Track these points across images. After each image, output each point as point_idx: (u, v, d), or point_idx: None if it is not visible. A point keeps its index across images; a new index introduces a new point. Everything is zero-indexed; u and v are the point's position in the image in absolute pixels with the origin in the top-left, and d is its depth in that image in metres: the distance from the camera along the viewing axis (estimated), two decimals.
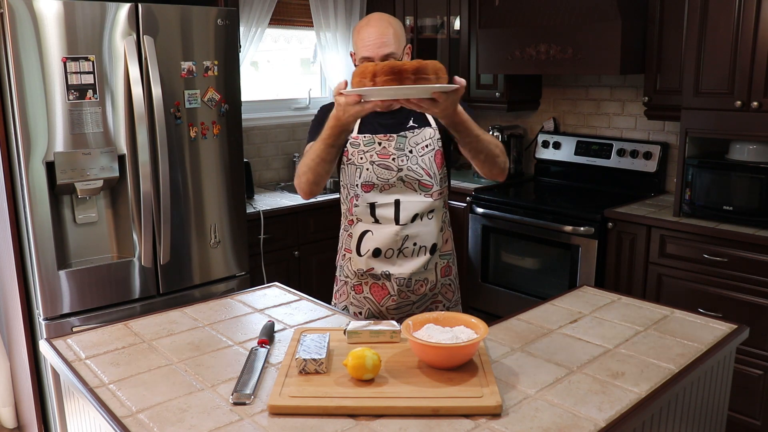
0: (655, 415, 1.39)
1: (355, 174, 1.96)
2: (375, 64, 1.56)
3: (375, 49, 1.85)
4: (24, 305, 2.58)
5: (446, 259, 2.08)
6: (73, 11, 2.40)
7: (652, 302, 1.86)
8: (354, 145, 1.96)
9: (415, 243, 1.97)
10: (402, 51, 1.91)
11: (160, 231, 2.70)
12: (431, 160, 1.95)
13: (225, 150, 2.89)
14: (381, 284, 2.02)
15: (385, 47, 1.85)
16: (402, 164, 1.93)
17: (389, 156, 1.93)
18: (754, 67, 2.64)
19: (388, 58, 1.84)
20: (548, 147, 3.88)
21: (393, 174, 1.93)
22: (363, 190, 1.96)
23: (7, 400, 2.99)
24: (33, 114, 2.37)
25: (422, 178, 1.94)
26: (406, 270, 1.99)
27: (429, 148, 1.96)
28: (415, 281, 2.02)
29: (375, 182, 1.94)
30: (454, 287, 2.13)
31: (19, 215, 2.52)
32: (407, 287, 2.01)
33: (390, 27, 1.88)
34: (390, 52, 1.85)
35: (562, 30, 3.26)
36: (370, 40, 1.86)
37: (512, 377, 1.40)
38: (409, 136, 1.95)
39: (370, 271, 2.00)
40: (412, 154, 1.94)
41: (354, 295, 2.06)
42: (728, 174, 2.83)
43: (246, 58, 3.63)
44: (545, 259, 3.42)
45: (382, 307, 2.04)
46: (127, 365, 1.48)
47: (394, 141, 1.94)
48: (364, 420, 1.24)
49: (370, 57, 1.86)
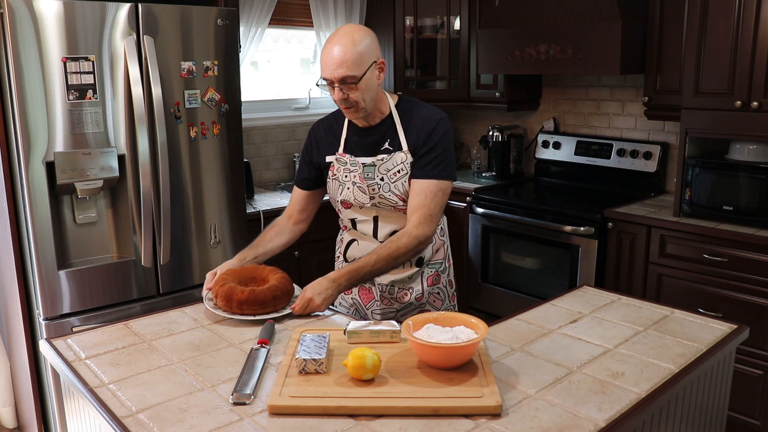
0: (655, 415, 1.39)
1: (338, 190, 1.97)
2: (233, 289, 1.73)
3: (331, 70, 1.78)
4: (24, 305, 2.58)
5: (434, 268, 2.06)
6: (73, 11, 2.40)
7: (652, 302, 1.86)
8: (340, 161, 1.96)
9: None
10: (366, 70, 1.80)
11: (160, 231, 2.70)
12: (404, 184, 1.89)
13: (225, 150, 2.89)
14: (368, 287, 2.04)
15: (342, 68, 1.76)
16: (374, 192, 1.91)
17: (365, 182, 1.92)
18: (754, 67, 2.64)
19: (345, 80, 1.78)
20: (548, 147, 3.88)
21: (367, 198, 1.93)
22: (343, 206, 1.99)
23: (7, 400, 2.99)
24: (33, 114, 2.37)
25: (397, 204, 1.92)
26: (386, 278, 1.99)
27: (401, 174, 1.89)
28: (399, 289, 2.02)
29: (352, 202, 1.96)
30: (444, 296, 2.10)
31: (19, 215, 2.52)
32: (390, 294, 2.01)
33: (353, 45, 1.77)
34: (345, 75, 1.77)
35: (562, 30, 3.26)
36: (328, 60, 1.79)
37: (512, 377, 1.40)
38: (378, 164, 1.90)
39: None
40: (383, 181, 1.90)
41: (343, 296, 2.08)
42: (728, 174, 2.83)
43: (246, 58, 3.63)
44: (545, 259, 3.42)
45: (367, 310, 2.06)
46: (127, 365, 1.48)
47: (362, 169, 1.91)
48: (364, 420, 1.24)
49: (328, 78, 1.81)
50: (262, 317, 1.70)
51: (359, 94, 1.81)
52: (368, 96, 1.83)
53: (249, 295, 1.70)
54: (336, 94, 1.81)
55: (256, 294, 1.71)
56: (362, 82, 1.80)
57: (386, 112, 1.93)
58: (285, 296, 1.77)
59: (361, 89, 1.80)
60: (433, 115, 1.91)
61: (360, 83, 1.79)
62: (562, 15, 3.28)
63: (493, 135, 3.93)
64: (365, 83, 1.80)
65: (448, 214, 2.08)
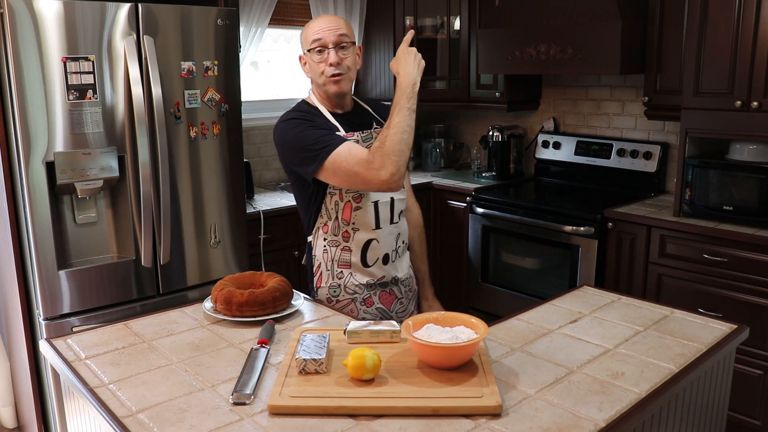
0: (655, 415, 1.39)
1: None
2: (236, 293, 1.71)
3: (328, 32, 1.85)
4: (24, 305, 2.58)
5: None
6: (73, 11, 2.40)
7: (652, 302, 1.86)
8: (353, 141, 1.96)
9: (403, 241, 2.01)
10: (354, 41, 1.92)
11: (160, 231, 2.70)
12: None
13: (225, 150, 2.89)
14: (389, 290, 2.01)
15: (340, 30, 1.86)
16: None
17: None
18: (754, 67, 2.64)
19: (341, 43, 1.85)
20: (548, 147, 3.88)
21: None
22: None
23: (7, 400, 2.99)
24: (33, 114, 2.37)
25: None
26: (405, 269, 2.01)
27: None
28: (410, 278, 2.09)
29: None
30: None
31: (19, 215, 2.52)
32: (407, 286, 2.03)
33: (341, 20, 1.91)
34: (343, 34, 1.86)
35: (562, 30, 3.26)
36: (323, 24, 1.87)
37: (512, 377, 1.40)
38: (374, 135, 1.95)
39: (381, 279, 1.97)
40: None
41: (365, 309, 1.98)
42: (728, 174, 2.83)
43: (246, 58, 3.63)
44: (545, 259, 3.42)
45: (392, 312, 2.03)
46: (127, 365, 1.48)
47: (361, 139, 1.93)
48: (364, 420, 1.24)
49: (321, 39, 1.84)
50: (262, 318, 1.71)
51: (349, 62, 1.87)
52: (353, 71, 1.91)
53: (248, 297, 1.70)
54: (331, 57, 1.84)
55: (256, 296, 1.71)
56: (351, 50, 1.88)
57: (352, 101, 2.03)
58: (284, 298, 1.77)
59: (350, 58, 1.88)
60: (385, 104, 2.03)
61: (350, 51, 1.87)
62: (562, 15, 3.28)
63: (493, 135, 3.93)
64: (353, 55, 1.89)
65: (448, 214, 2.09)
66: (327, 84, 1.88)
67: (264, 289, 1.75)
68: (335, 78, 1.86)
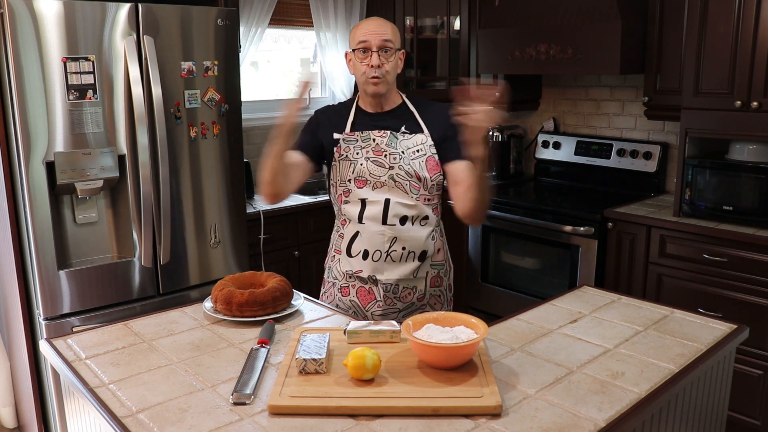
0: (655, 415, 1.39)
1: (349, 169, 1.97)
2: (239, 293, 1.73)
3: (374, 34, 1.92)
4: (24, 305, 2.58)
5: (437, 269, 2.07)
6: (73, 11, 2.40)
7: (652, 302, 1.86)
8: (348, 141, 1.98)
9: (403, 247, 1.96)
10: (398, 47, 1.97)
11: (160, 231, 2.70)
12: (421, 164, 1.96)
13: (225, 150, 2.89)
14: (368, 288, 2.02)
15: (385, 34, 1.92)
16: (394, 162, 1.95)
17: (382, 153, 1.95)
18: (754, 67, 2.64)
19: (384, 47, 1.91)
20: (548, 147, 3.88)
21: (385, 171, 1.94)
22: (356, 185, 1.97)
23: (7, 400, 2.99)
24: (33, 114, 2.37)
25: (412, 180, 1.95)
26: (393, 275, 1.98)
27: (420, 153, 1.97)
28: (403, 288, 2.01)
29: (368, 178, 1.95)
30: (444, 299, 2.11)
31: (19, 215, 2.52)
32: (394, 294, 2.00)
33: (390, 23, 1.98)
34: (387, 39, 1.92)
35: (562, 30, 3.26)
36: (369, 27, 1.94)
37: (512, 377, 1.40)
38: (400, 138, 1.97)
39: (358, 273, 2.00)
40: (404, 154, 1.96)
41: (340, 297, 2.06)
42: (728, 174, 2.83)
43: (246, 58, 3.63)
44: (545, 259, 3.42)
45: (367, 312, 2.04)
46: (127, 365, 1.48)
47: (387, 137, 1.97)
48: (364, 420, 1.24)
49: (367, 41, 1.91)
50: (262, 318, 1.71)
51: (391, 66, 1.94)
52: (392, 75, 1.97)
53: (248, 296, 1.71)
54: (373, 59, 1.91)
55: (256, 295, 1.71)
56: (394, 56, 1.95)
57: (399, 101, 2.05)
58: (284, 297, 1.77)
59: (392, 62, 1.94)
60: (444, 105, 2.01)
61: (393, 56, 1.94)
62: (562, 15, 3.28)
63: (493, 135, 3.93)
64: (395, 59, 1.95)
65: (448, 214, 2.07)
66: (366, 84, 1.96)
67: (264, 289, 1.75)
68: (373, 80, 1.93)
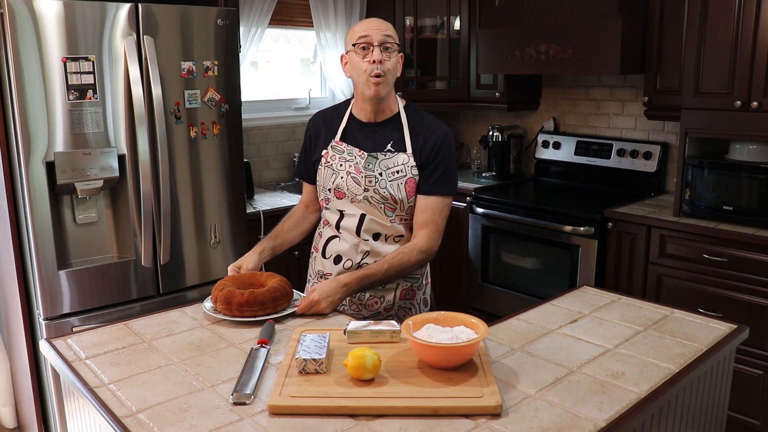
0: (655, 415, 1.39)
1: (330, 179, 1.96)
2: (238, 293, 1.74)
3: (375, 31, 1.85)
4: (24, 305, 2.58)
5: (410, 282, 2.02)
6: (73, 11, 2.40)
7: (652, 302, 1.86)
8: (336, 149, 1.96)
9: (375, 261, 1.92)
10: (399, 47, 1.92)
11: (160, 231, 2.70)
12: (400, 186, 1.90)
13: (225, 150, 2.89)
14: None
15: (387, 31, 1.87)
16: (369, 185, 1.90)
17: (360, 173, 1.92)
18: (754, 67, 2.64)
19: (386, 44, 1.85)
20: (548, 147, 3.88)
21: (360, 191, 1.92)
22: (335, 196, 1.97)
23: (7, 400, 2.99)
24: (33, 114, 2.37)
25: (387, 203, 1.91)
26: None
27: (399, 174, 1.90)
28: (369, 296, 1.98)
29: (346, 192, 1.94)
30: (416, 311, 2.06)
31: (19, 215, 2.52)
32: (360, 300, 1.99)
33: (388, 23, 1.93)
34: (389, 35, 1.87)
35: (562, 30, 3.26)
36: (371, 24, 1.88)
37: (512, 377, 1.40)
38: (380, 158, 1.91)
39: (328, 275, 2.00)
40: (381, 177, 1.90)
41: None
42: (728, 174, 2.83)
43: (246, 58, 3.63)
44: (545, 259, 3.42)
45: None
46: (127, 365, 1.48)
47: (364, 159, 1.92)
48: (364, 420, 1.24)
49: (368, 36, 1.84)
50: (262, 318, 1.71)
51: (392, 65, 1.88)
52: (393, 76, 1.90)
53: (248, 296, 1.71)
54: (375, 54, 1.83)
55: (256, 296, 1.71)
56: (395, 55, 1.89)
57: (395, 111, 1.96)
58: (284, 297, 1.77)
59: (393, 61, 1.88)
60: (440, 127, 1.96)
61: (394, 55, 1.88)
62: (562, 15, 3.28)
63: (493, 135, 3.93)
64: (395, 59, 1.89)
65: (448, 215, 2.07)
66: (367, 84, 1.86)
67: (264, 289, 1.75)
68: (375, 79, 1.84)
